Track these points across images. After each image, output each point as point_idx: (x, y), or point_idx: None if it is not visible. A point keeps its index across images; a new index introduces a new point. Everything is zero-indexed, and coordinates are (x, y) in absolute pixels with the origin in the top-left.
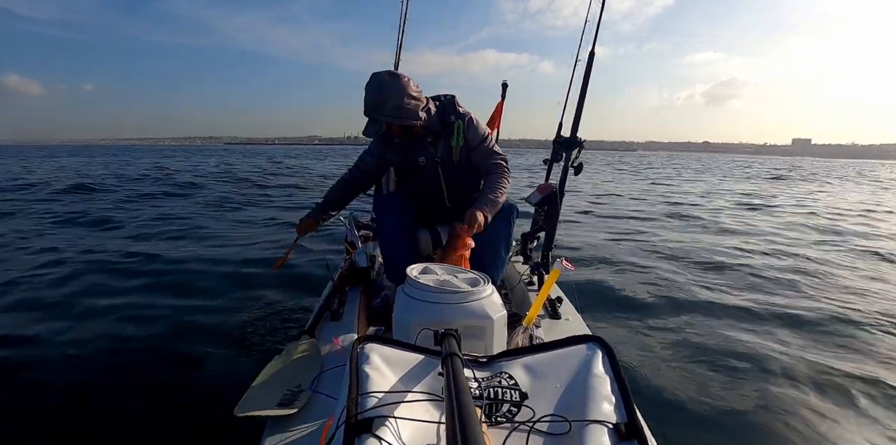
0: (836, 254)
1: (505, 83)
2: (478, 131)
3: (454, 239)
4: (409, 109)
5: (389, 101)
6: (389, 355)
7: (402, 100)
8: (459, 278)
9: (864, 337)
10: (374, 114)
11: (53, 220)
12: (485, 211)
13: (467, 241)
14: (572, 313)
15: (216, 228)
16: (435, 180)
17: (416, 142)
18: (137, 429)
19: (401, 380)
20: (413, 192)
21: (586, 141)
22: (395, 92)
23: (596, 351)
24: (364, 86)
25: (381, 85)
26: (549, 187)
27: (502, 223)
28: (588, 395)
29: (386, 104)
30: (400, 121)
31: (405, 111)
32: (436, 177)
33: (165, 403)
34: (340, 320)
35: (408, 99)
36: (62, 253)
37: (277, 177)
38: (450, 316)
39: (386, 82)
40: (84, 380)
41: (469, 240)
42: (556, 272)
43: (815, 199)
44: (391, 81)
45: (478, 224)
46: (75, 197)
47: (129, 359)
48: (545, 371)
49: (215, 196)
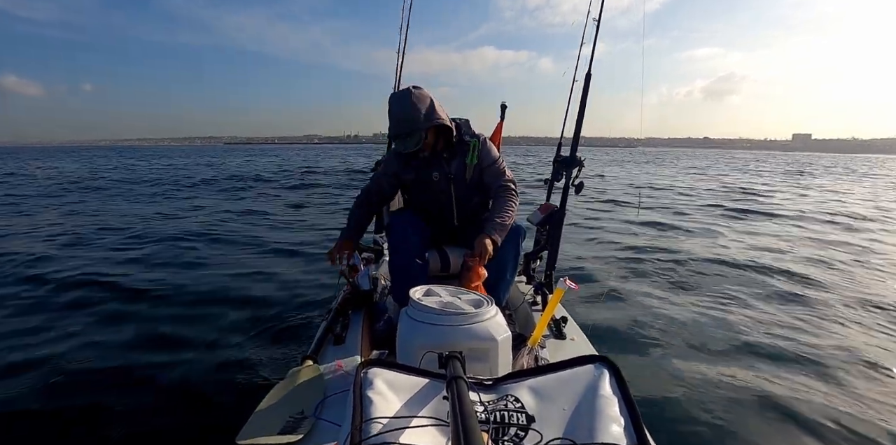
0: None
1: (504, 105)
2: (490, 152)
3: (467, 273)
4: (440, 113)
5: (423, 109)
6: (393, 379)
7: (433, 105)
8: (463, 300)
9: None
10: (413, 126)
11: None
12: (493, 236)
13: (480, 272)
14: (577, 333)
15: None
16: (446, 197)
17: (433, 159)
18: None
19: (405, 405)
20: (422, 210)
21: (585, 137)
22: (424, 100)
23: (603, 371)
24: (389, 109)
25: (410, 97)
26: (551, 207)
27: (509, 245)
28: (596, 417)
29: (421, 112)
30: (440, 122)
31: (438, 114)
32: (447, 194)
33: (166, 431)
34: (343, 344)
35: (436, 104)
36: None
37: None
38: (454, 338)
39: (414, 95)
40: (79, 403)
41: (482, 271)
42: (560, 291)
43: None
44: (417, 93)
45: (488, 253)
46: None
47: (127, 385)
48: (552, 393)
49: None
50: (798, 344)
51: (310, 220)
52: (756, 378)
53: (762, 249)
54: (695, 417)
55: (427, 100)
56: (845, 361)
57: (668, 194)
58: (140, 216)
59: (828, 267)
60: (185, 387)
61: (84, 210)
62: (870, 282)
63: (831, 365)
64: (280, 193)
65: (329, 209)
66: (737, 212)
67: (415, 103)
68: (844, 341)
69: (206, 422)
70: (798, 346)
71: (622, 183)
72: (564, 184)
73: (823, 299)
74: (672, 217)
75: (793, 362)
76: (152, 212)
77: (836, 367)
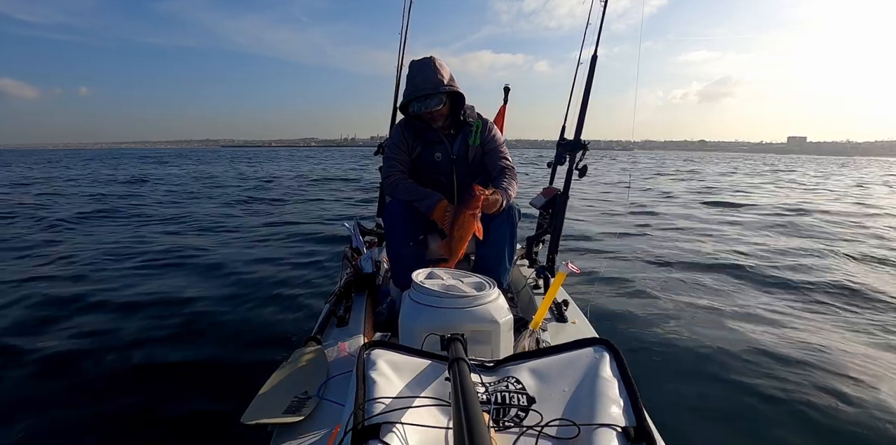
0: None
1: (507, 87)
2: (495, 136)
3: (470, 199)
4: (457, 83)
5: (446, 74)
6: (396, 360)
7: (452, 75)
8: (465, 282)
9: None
10: (437, 88)
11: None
12: (500, 192)
13: (482, 202)
14: (579, 316)
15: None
16: (447, 178)
17: (437, 138)
18: (143, 436)
19: (408, 386)
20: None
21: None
22: (445, 68)
23: (603, 353)
24: (409, 74)
25: (434, 62)
26: (554, 191)
27: (505, 224)
28: (596, 399)
29: (444, 77)
30: (458, 89)
31: (456, 83)
32: (448, 175)
33: (172, 410)
34: (347, 326)
35: (451, 73)
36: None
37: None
38: (456, 320)
39: (437, 61)
40: (84, 383)
41: (484, 199)
42: (562, 275)
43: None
44: (439, 61)
45: (495, 198)
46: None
47: (133, 365)
48: (552, 374)
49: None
50: (795, 328)
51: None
52: (756, 363)
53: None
54: (694, 399)
55: (447, 68)
56: (848, 352)
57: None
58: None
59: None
60: (190, 369)
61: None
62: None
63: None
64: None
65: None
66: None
67: (438, 68)
68: (842, 334)
69: (211, 403)
70: (795, 331)
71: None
72: (568, 168)
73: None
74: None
75: (792, 345)
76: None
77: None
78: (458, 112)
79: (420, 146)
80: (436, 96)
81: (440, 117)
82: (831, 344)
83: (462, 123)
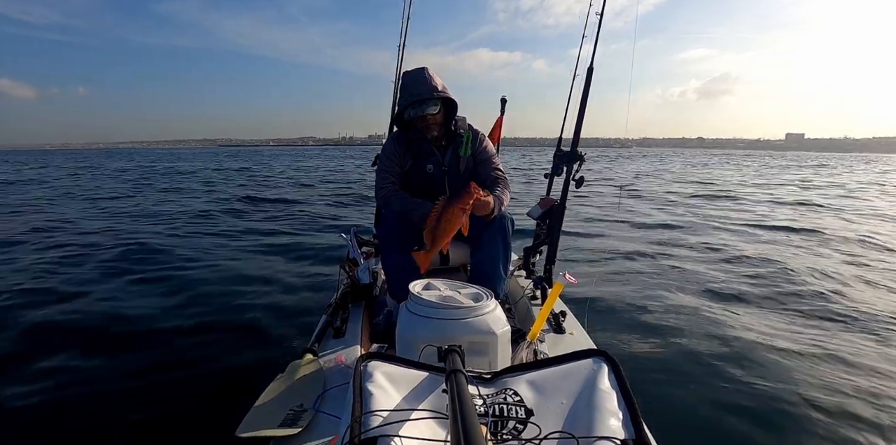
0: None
1: (504, 98)
2: (487, 148)
3: (463, 194)
4: (450, 92)
5: (439, 81)
6: (393, 372)
7: (443, 83)
8: (462, 293)
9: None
10: (431, 94)
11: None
12: (493, 198)
13: (474, 199)
14: (577, 327)
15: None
16: (440, 189)
17: (429, 148)
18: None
19: (405, 398)
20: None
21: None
22: (437, 77)
23: (601, 365)
24: (403, 83)
25: (427, 71)
26: (551, 201)
27: (499, 235)
28: (594, 411)
29: (438, 83)
30: (451, 96)
31: (448, 91)
32: (441, 186)
33: (165, 423)
34: (343, 337)
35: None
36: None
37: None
38: (453, 331)
39: (430, 70)
40: (76, 396)
41: (476, 197)
42: (559, 286)
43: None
44: (431, 70)
45: (486, 200)
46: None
47: (125, 377)
48: (550, 386)
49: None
50: (795, 338)
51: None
52: (755, 372)
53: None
54: (694, 412)
55: (439, 77)
56: (852, 353)
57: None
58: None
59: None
60: (185, 381)
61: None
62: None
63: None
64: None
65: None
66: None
67: (431, 76)
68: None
69: (206, 415)
70: (796, 340)
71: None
72: (565, 179)
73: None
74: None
75: (793, 356)
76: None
77: (840, 360)
78: (450, 121)
79: (412, 158)
80: (430, 101)
81: (434, 125)
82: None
83: (453, 134)
